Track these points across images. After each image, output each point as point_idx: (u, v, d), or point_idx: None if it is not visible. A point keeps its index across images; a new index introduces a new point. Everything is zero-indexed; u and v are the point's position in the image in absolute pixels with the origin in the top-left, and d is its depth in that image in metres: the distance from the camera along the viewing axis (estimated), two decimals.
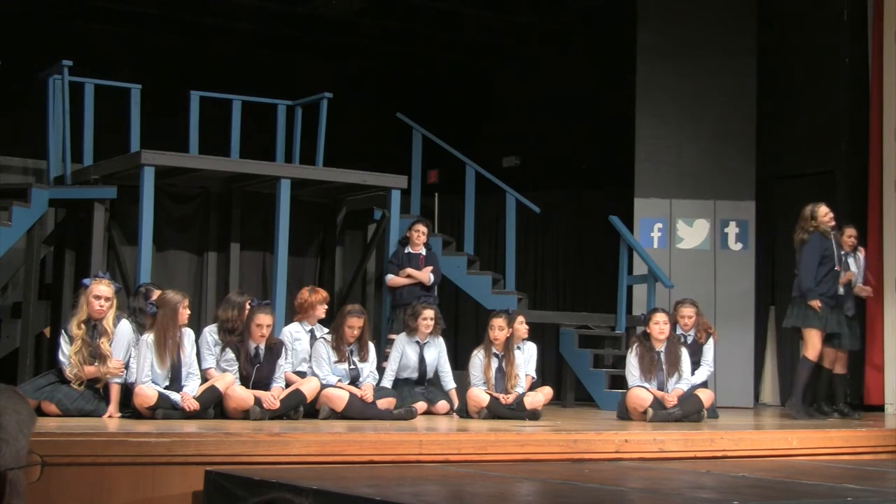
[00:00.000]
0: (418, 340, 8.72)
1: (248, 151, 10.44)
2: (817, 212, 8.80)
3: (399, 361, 8.70)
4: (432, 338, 8.78)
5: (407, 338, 8.77)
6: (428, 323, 8.67)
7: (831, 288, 8.72)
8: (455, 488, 5.25)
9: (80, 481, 5.19)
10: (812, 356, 8.73)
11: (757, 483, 5.40)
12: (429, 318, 8.68)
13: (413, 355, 8.71)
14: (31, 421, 2.12)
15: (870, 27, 10.59)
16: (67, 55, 9.70)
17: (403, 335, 8.81)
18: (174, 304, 7.29)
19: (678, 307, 9.06)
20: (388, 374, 8.60)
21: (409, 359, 8.70)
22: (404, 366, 8.71)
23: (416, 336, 8.71)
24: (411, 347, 8.74)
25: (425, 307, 8.79)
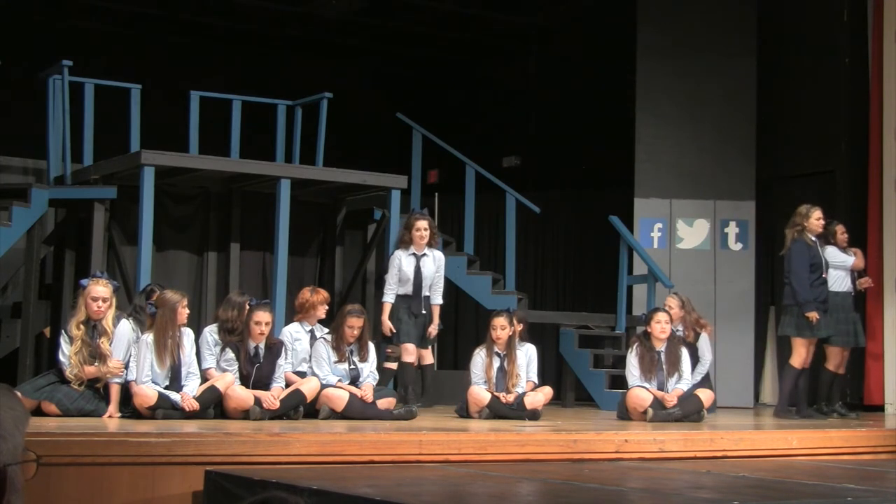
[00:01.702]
0: (415, 252, 8.70)
1: (248, 151, 10.44)
2: (811, 214, 8.84)
3: (397, 277, 8.72)
4: (430, 250, 8.74)
5: (403, 251, 8.76)
6: (422, 234, 8.63)
7: (821, 294, 8.77)
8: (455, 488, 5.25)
9: (80, 481, 5.19)
10: (797, 364, 8.85)
11: (757, 483, 5.40)
12: (422, 228, 8.64)
13: (409, 268, 8.70)
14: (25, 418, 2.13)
15: (870, 27, 10.59)
16: (67, 55, 9.70)
17: (399, 250, 8.81)
18: (173, 303, 7.29)
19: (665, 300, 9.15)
20: (388, 290, 8.73)
21: (405, 272, 8.70)
22: (402, 280, 8.72)
23: (411, 248, 8.70)
24: (407, 260, 8.73)
25: (419, 218, 8.76)
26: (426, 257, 8.71)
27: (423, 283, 8.68)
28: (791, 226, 8.89)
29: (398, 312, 8.72)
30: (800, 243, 8.76)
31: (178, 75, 11.38)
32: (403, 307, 8.73)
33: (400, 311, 8.74)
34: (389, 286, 8.76)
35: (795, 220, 8.88)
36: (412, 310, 8.77)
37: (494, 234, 12.24)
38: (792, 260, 8.78)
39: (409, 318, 8.75)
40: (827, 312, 8.78)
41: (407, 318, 8.73)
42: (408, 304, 8.74)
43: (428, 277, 8.69)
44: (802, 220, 8.83)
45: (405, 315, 8.71)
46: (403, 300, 8.75)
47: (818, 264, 8.78)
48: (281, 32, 12.95)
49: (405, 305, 8.73)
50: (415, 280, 8.66)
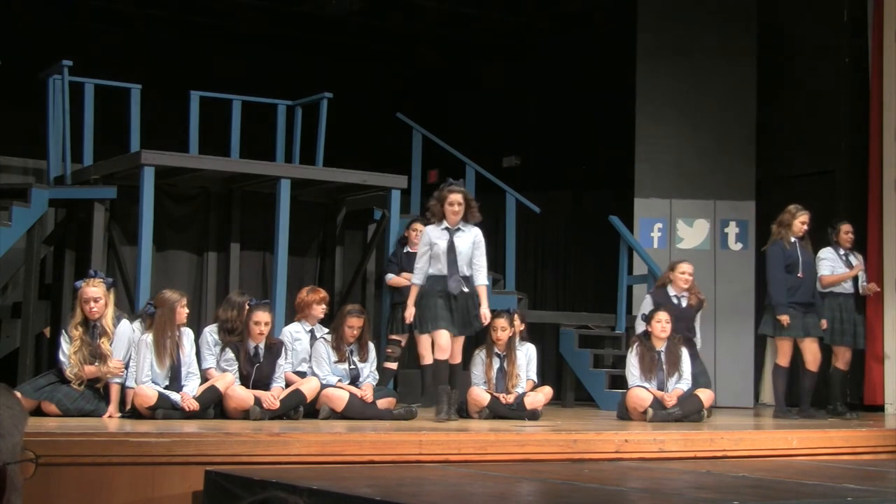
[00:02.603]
0: (448, 227, 7.67)
1: (248, 151, 10.44)
2: (797, 216, 8.87)
3: (428, 255, 7.67)
4: (466, 226, 7.71)
5: (434, 226, 7.76)
6: (455, 209, 7.62)
7: (801, 295, 8.80)
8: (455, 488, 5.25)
9: (80, 481, 5.19)
10: (783, 362, 8.93)
11: (757, 483, 5.40)
12: (455, 202, 7.64)
13: (442, 243, 7.63)
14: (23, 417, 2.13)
15: (870, 27, 10.59)
16: (67, 55, 9.70)
17: (430, 226, 7.82)
18: (171, 303, 7.29)
19: (676, 265, 9.11)
20: (417, 271, 7.73)
21: (438, 248, 7.63)
22: (434, 258, 7.65)
23: (444, 223, 7.69)
24: (439, 235, 7.68)
25: (452, 190, 7.70)
26: (461, 232, 7.67)
27: (457, 261, 7.60)
28: (778, 223, 8.94)
29: (428, 297, 7.65)
30: (777, 245, 8.83)
31: (178, 75, 11.38)
32: (437, 289, 7.63)
33: (431, 294, 7.65)
34: (418, 266, 7.74)
35: (784, 217, 8.92)
36: (447, 290, 7.63)
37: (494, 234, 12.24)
38: (768, 262, 8.88)
39: (443, 302, 7.60)
40: (807, 313, 8.80)
41: (440, 301, 7.60)
42: (441, 286, 7.62)
43: (463, 254, 7.62)
44: (791, 218, 8.86)
45: (437, 298, 7.60)
46: (436, 282, 7.65)
47: (794, 265, 8.84)
48: (281, 32, 12.95)
49: (438, 287, 7.62)
50: (448, 257, 7.61)
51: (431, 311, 7.58)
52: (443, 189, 7.75)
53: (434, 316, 7.58)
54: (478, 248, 7.72)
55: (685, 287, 9.00)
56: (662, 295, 8.94)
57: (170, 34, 12.43)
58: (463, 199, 7.66)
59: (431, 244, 7.64)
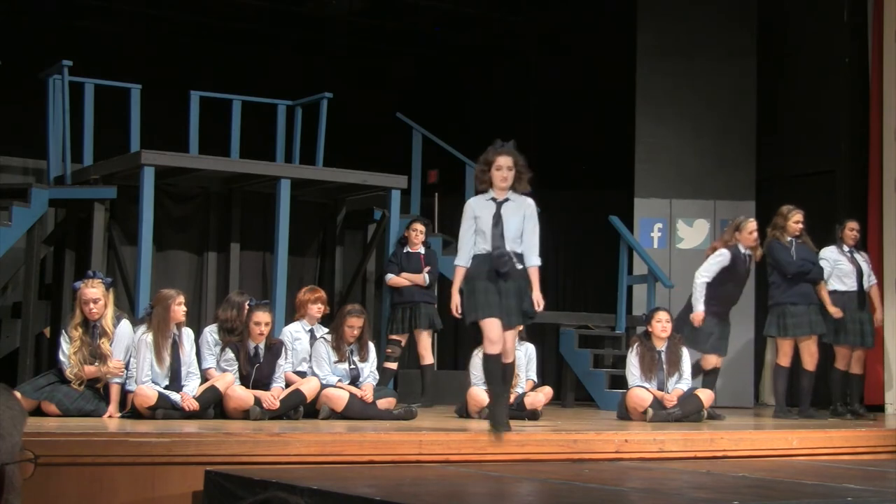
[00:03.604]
0: (494, 197, 6.49)
1: (248, 151, 10.44)
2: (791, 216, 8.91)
3: (472, 231, 6.48)
4: (515, 195, 6.52)
5: (478, 196, 6.60)
6: (504, 174, 6.44)
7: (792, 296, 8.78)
8: (455, 488, 5.25)
9: (80, 481, 5.19)
10: (784, 363, 8.94)
11: (757, 483, 5.40)
12: (504, 166, 6.45)
13: (486, 217, 6.45)
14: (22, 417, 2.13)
15: (870, 27, 10.60)
16: (67, 55, 9.71)
17: (473, 197, 6.68)
18: (166, 301, 7.29)
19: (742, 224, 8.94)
20: (460, 250, 6.51)
21: (482, 221, 6.45)
22: (479, 233, 6.47)
23: (490, 192, 6.53)
24: (484, 206, 6.49)
25: (500, 153, 6.51)
26: (510, 203, 6.49)
27: (505, 236, 6.41)
28: (772, 226, 8.93)
29: (474, 280, 6.43)
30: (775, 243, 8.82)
31: (178, 75, 11.38)
32: (483, 270, 6.42)
33: (477, 276, 6.43)
34: (463, 244, 6.51)
35: (777, 220, 8.92)
36: (495, 269, 6.41)
37: None
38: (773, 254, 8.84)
39: (491, 285, 6.38)
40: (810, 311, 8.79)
41: (487, 284, 6.39)
42: (488, 265, 6.42)
43: (512, 228, 6.43)
44: (783, 220, 8.86)
45: (483, 281, 6.39)
46: (482, 262, 6.44)
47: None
48: (281, 32, 12.95)
49: (485, 267, 6.41)
50: (494, 232, 6.43)
51: (479, 297, 6.34)
52: (490, 151, 6.55)
53: (481, 302, 6.33)
54: (530, 220, 6.50)
55: (753, 244, 8.90)
56: (736, 250, 8.86)
57: (170, 34, 12.43)
58: (513, 163, 6.45)
59: (476, 217, 6.46)
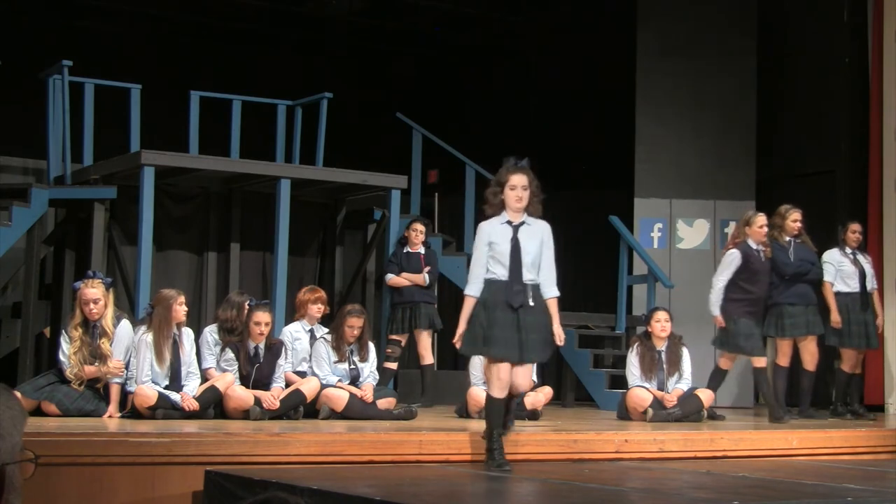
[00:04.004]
0: (510, 220, 5.95)
1: (248, 151, 10.44)
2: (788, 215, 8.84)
3: (486, 258, 5.92)
4: (531, 218, 5.99)
5: (491, 220, 6.00)
6: (519, 194, 5.87)
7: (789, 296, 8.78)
8: (455, 488, 5.25)
9: (80, 481, 5.19)
10: (783, 362, 8.91)
11: (757, 483, 5.40)
12: (519, 185, 5.88)
13: (503, 242, 5.91)
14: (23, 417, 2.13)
15: (870, 27, 10.59)
16: (67, 55, 9.71)
17: (485, 221, 6.04)
18: (168, 300, 7.29)
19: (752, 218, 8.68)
20: (472, 278, 5.94)
21: (499, 247, 5.91)
22: (494, 260, 5.91)
23: (505, 214, 5.97)
24: (500, 230, 5.94)
25: (514, 171, 5.93)
26: (527, 227, 5.98)
27: (524, 263, 5.92)
28: (770, 226, 8.91)
29: (487, 311, 5.88)
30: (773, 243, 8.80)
31: (178, 75, 11.38)
32: (498, 300, 5.88)
33: (490, 306, 5.88)
34: (475, 273, 5.95)
35: (775, 220, 8.91)
36: (510, 302, 5.88)
37: None
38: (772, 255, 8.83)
39: (509, 317, 5.86)
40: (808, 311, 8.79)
41: (505, 316, 5.86)
42: (504, 296, 5.88)
43: (530, 255, 5.94)
44: (781, 220, 8.85)
45: (497, 312, 5.86)
46: (496, 290, 5.89)
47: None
48: (281, 32, 12.95)
49: (500, 297, 5.87)
50: (512, 258, 5.89)
51: (495, 331, 5.79)
52: (502, 170, 5.97)
53: (497, 337, 5.79)
54: (547, 248, 6.06)
55: (763, 240, 8.55)
56: (746, 247, 8.53)
57: (170, 34, 12.43)
58: (528, 183, 5.89)
59: (490, 243, 5.92)
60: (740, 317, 8.44)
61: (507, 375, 5.84)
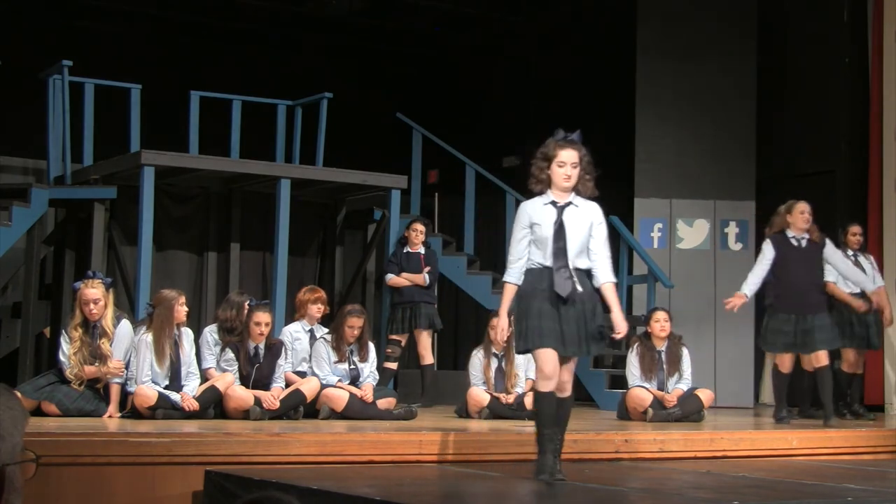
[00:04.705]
0: (554, 201, 5.36)
1: (248, 151, 10.45)
2: None
3: (527, 241, 5.34)
4: (579, 199, 5.39)
5: (534, 200, 5.42)
6: (568, 172, 5.28)
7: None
8: (455, 488, 5.25)
9: (80, 481, 5.19)
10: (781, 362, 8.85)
11: (757, 483, 5.40)
12: (568, 162, 5.29)
13: (547, 223, 5.32)
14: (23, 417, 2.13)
15: (870, 27, 10.59)
16: (67, 55, 9.71)
17: (528, 201, 5.46)
18: (169, 301, 7.29)
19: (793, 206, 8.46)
20: (511, 264, 5.37)
21: (541, 229, 5.31)
22: (537, 244, 5.33)
23: (549, 193, 5.38)
24: (543, 211, 5.35)
25: (563, 146, 5.32)
26: (574, 208, 5.37)
27: (569, 250, 5.30)
28: (770, 226, 8.91)
29: (528, 299, 5.32)
30: None
31: (178, 75, 11.39)
32: (540, 289, 5.30)
33: (532, 295, 5.32)
34: (514, 258, 5.37)
35: (774, 220, 8.89)
36: (556, 289, 5.30)
37: (494, 234, 12.24)
38: None
39: (549, 308, 5.28)
40: None
41: (544, 307, 5.28)
42: (547, 283, 5.30)
43: (577, 239, 5.33)
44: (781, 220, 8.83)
45: (541, 302, 5.29)
46: (539, 278, 5.31)
47: None
48: (281, 32, 12.95)
49: (542, 285, 5.30)
50: (556, 241, 5.30)
51: (533, 321, 5.28)
52: (550, 143, 5.36)
53: (535, 328, 5.27)
54: (599, 230, 5.42)
55: (805, 227, 8.23)
56: (781, 239, 8.31)
57: (170, 34, 12.44)
58: (578, 160, 5.31)
59: (532, 225, 5.34)
60: (774, 311, 8.20)
61: (551, 367, 5.30)
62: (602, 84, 12.29)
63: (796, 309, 8.09)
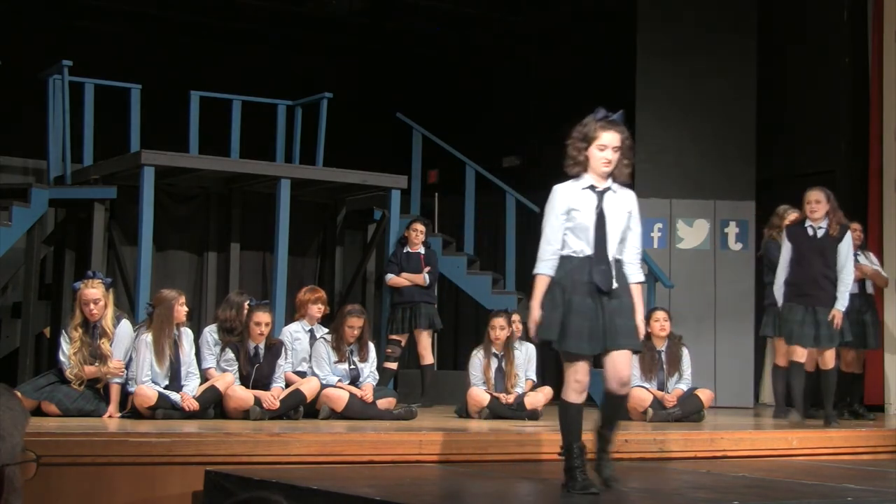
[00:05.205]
0: (593, 185, 4.97)
1: (248, 151, 10.45)
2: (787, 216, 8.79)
3: (562, 226, 4.92)
4: (617, 185, 5.02)
5: (569, 183, 5.05)
6: (608, 157, 4.94)
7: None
8: (455, 488, 5.25)
9: (80, 481, 5.19)
10: (781, 363, 8.85)
11: (757, 483, 5.40)
12: (609, 145, 4.95)
13: (587, 209, 4.92)
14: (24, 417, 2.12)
15: (870, 27, 10.59)
16: (67, 55, 9.71)
17: (562, 184, 5.05)
18: (169, 300, 7.30)
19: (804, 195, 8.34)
20: (543, 252, 4.94)
21: (580, 216, 4.91)
22: (575, 231, 4.91)
23: (587, 177, 5.00)
24: (581, 196, 4.96)
25: (607, 126, 5.03)
26: (612, 194, 4.99)
27: (609, 239, 4.91)
28: (769, 226, 8.91)
29: (567, 292, 4.85)
30: (772, 243, 8.79)
31: (178, 75, 11.39)
32: (580, 280, 4.85)
33: (570, 286, 4.85)
34: (548, 247, 4.94)
35: (773, 220, 8.90)
36: (596, 283, 4.85)
37: (494, 234, 12.25)
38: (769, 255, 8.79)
39: (589, 302, 4.84)
40: None
41: (585, 301, 4.83)
42: (584, 276, 4.85)
43: (616, 228, 4.95)
44: (780, 220, 8.84)
45: (580, 297, 4.83)
46: (577, 268, 4.88)
47: None
48: (281, 32, 12.95)
49: (582, 277, 4.85)
50: (597, 231, 4.90)
51: (573, 319, 4.82)
52: (590, 123, 5.05)
53: (575, 327, 4.83)
54: (634, 222, 5.04)
55: (815, 216, 7.98)
56: (798, 230, 8.08)
57: (170, 34, 12.44)
58: (620, 143, 4.98)
59: (570, 210, 4.94)
60: (787, 301, 7.93)
61: (585, 375, 4.91)
62: (602, 84, 12.28)
63: (806, 300, 7.86)
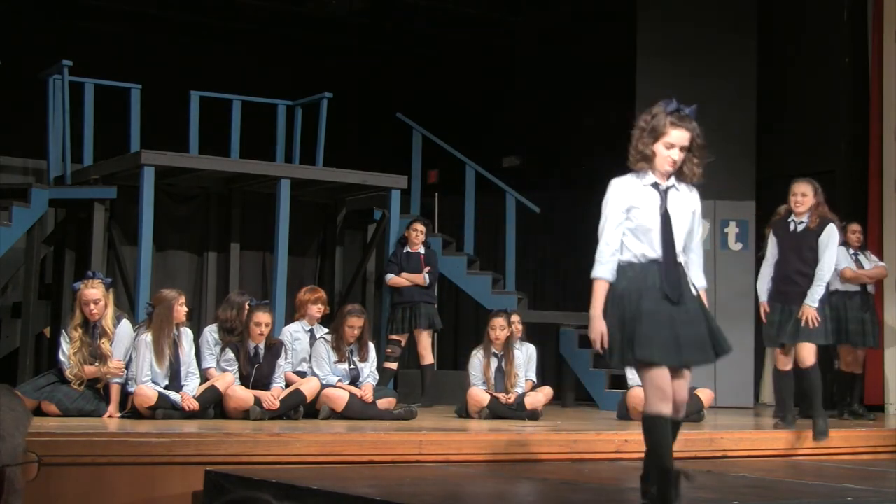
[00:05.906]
0: (657, 182, 4.61)
1: (248, 151, 10.45)
2: None
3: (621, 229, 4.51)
4: (681, 183, 4.69)
5: (629, 177, 4.67)
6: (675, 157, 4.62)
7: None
8: (455, 488, 5.25)
9: (80, 481, 5.19)
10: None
11: (757, 483, 5.40)
12: (677, 143, 4.61)
13: (650, 208, 4.56)
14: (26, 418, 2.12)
15: (870, 27, 10.59)
16: (67, 55, 9.71)
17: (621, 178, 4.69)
18: (169, 300, 7.30)
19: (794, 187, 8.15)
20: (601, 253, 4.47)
21: (643, 215, 4.54)
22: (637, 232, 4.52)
23: (650, 174, 4.62)
24: (644, 193, 4.60)
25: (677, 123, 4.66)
26: (676, 192, 4.65)
27: (676, 241, 4.55)
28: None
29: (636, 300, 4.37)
30: None
31: (178, 75, 11.38)
32: (648, 286, 4.41)
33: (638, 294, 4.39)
34: (606, 246, 4.49)
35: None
36: (666, 294, 4.41)
37: (494, 234, 12.25)
38: None
39: (662, 309, 4.37)
40: None
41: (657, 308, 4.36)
42: (654, 283, 4.41)
43: (684, 231, 4.63)
44: None
45: (651, 302, 4.37)
46: (644, 273, 4.44)
47: None
48: (281, 32, 12.95)
49: (651, 283, 4.42)
50: (664, 233, 4.51)
51: (645, 327, 4.29)
52: (660, 115, 4.70)
53: (646, 336, 4.29)
54: (698, 223, 4.76)
55: (799, 210, 7.75)
56: (781, 224, 7.87)
57: (170, 34, 12.44)
58: (689, 142, 4.59)
59: (630, 209, 4.53)
60: (770, 300, 7.57)
61: (667, 382, 4.30)
62: (602, 84, 12.29)
63: (782, 298, 7.45)
